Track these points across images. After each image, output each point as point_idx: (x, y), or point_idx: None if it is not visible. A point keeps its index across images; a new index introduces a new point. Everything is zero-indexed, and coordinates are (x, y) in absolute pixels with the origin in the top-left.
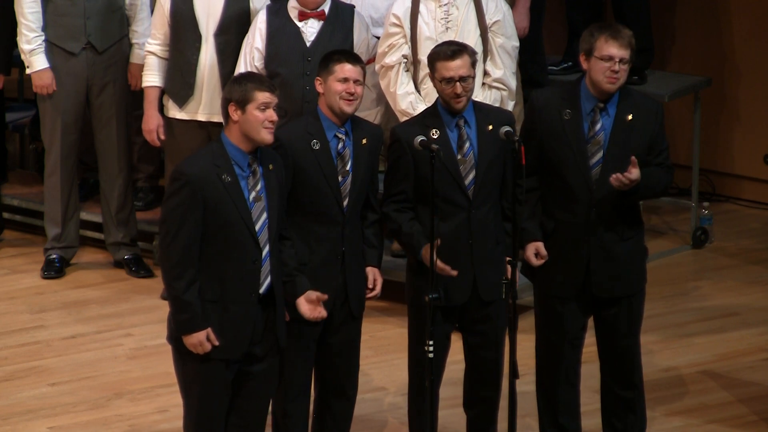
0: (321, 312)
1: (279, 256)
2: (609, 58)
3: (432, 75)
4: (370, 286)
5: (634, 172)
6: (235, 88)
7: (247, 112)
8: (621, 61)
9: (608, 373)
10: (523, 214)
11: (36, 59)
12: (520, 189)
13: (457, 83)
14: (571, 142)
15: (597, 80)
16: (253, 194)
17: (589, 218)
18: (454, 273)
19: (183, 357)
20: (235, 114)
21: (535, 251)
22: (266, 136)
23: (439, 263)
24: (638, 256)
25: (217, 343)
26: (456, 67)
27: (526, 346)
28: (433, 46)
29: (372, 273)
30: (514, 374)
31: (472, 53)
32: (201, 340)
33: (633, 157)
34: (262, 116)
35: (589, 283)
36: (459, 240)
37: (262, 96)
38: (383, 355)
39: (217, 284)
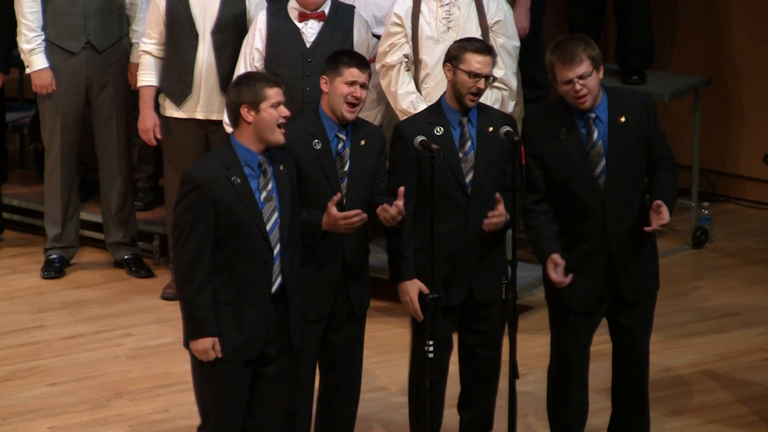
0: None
1: (291, 255)
2: (568, 81)
3: (454, 66)
4: (390, 210)
5: (665, 213)
6: (245, 90)
7: (262, 111)
8: (581, 77)
9: (622, 374)
10: (534, 239)
11: (36, 59)
12: (520, 194)
13: (482, 79)
14: (574, 159)
15: (571, 103)
16: (264, 194)
17: (606, 228)
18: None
19: (200, 360)
20: (249, 115)
21: (554, 264)
22: (280, 138)
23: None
24: (655, 252)
25: (221, 354)
26: (486, 62)
27: (526, 346)
28: (434, 46)
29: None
30: (514, 374)
31: (494, 56)
32: (206, 347)
33: (657, 202)
34: (276, 113)
35: (618, 290)
36: (457, 240)
37: (274, 93)
38: (383, 355)
39: (231, 285)
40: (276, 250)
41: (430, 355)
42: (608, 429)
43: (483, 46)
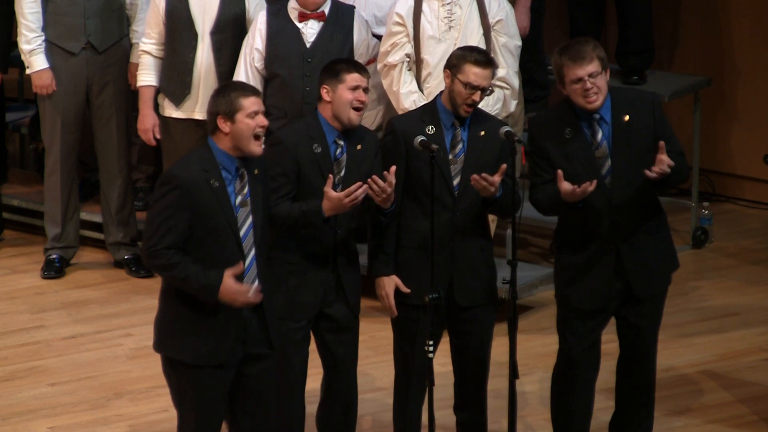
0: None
1: (265, 258)
2: (578, 80)
3: (452, 74)
4: (378, 182)
5: (666, 158)
6: (220, 100)
7: (237, 121)
8: (591, 76)
9: (628, 372)
10: (544, 196)
11: (36, 59)
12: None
13: (478, 91)
14: (580, 160)
15: (579, 103)
16: (239, 198)
17: (613, 226)
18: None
19: (173, 365)
20: (225, 126)
21: (565, 184)
22: (256, 149)
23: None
24: (669, 244)
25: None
26: (485, 76)
27: (526, 346)
28: (436, 45)
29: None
30: (514, 374)
31: (495, 68)
32: (233, 291)
33: (661, 143)
34: (253, 123)
35: (626, 289)
36: (441, 240)
37: (249, 103)
38: (383, 355)
39: None
40: (251, 255)
41: (430, 356)
42: (610, 424)
43: (483, 59)
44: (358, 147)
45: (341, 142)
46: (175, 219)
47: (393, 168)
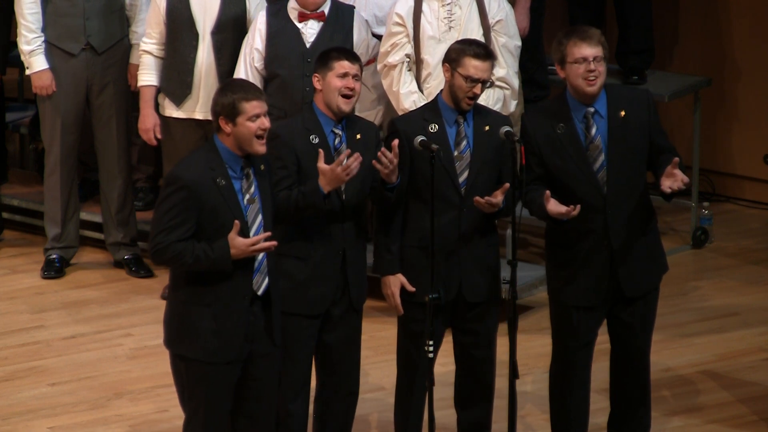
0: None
1: (276, 256)
2: (583, 59)
3: (452, 68)
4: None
5: (680, 175)
6: (221, 101)
7: (239, 124)
8: (595, 59)
9: (622, 371)
10: (531, 203)
11: (35, 60)
12: (520, 187)
13: (479, 84)
14: (572, 154)
15: (577, 85)
16: (247, 197)
17: (606, 223)
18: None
19: (182, 361)
20: (226, 127)
21: (552, 201)
22: (259, 148)
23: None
24: (659, 244)
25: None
26: (484, 69)
27: (526, 346)
28: (436, 46)
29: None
30: (514, 374)
31: (494, 59)
32: (243, 246)
33: (675, 158)
34: (254, 126)
35: (619, 287)
36: (448, 237)
37: (251, 106)
38: (383, 355)
39: (211, 288)
40: (261, 254)
41: (430, 355)
42: (608, 424)
43: (483, 52)
44: (358, 137)
45: (339, 132)
46: (182, 217)
47: (396, 141)
